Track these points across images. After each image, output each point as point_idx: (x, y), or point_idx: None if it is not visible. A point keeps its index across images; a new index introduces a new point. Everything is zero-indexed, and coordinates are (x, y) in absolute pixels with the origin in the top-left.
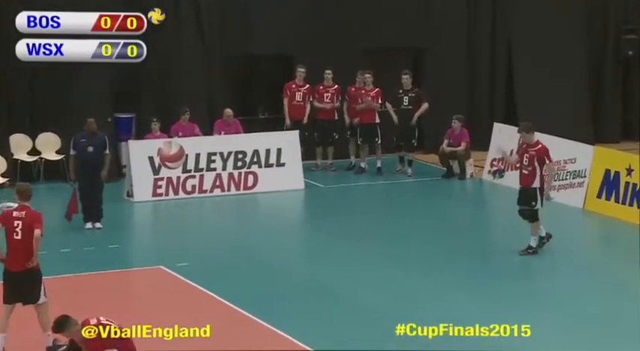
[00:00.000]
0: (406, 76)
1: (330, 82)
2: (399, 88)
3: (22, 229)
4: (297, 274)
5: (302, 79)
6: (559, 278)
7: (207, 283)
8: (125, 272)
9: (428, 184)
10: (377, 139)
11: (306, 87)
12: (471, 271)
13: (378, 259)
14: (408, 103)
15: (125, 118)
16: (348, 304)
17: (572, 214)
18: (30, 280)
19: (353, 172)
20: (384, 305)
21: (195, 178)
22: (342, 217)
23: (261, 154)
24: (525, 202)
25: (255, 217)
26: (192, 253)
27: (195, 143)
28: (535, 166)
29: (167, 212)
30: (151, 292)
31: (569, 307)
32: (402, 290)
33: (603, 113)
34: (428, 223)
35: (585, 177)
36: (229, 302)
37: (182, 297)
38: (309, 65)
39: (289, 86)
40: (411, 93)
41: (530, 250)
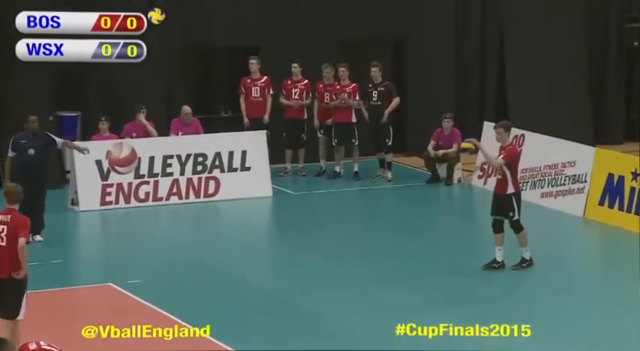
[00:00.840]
0: (375, 68)
1: (298, 76)
2: (368, 83)
3: (6, 234)
4: (264, 293)
5: (257, 72)
6: (555, 296)
7: (162, 302)
8: (70, 290)
9: (411, 190)
10: (354, 140)
11: (263, 80)
12: (458, 292)
13: (352, 277)
14: (377, 98)
15: (69, 116)
16: (319, 327)
17: (570, 222)
18: (13, 291)
19: (326, 177)
20: (361, 328)
21: (149, 184)
22: (314, 229)
23: (224, 157)
24: (500, 212)
25: (216, 229)
26: (145, 268)
27: (149, 145)
28: (504, 170)
29: (117, 223)
30: (98, 312)
31: (566, 328)
32: (379, 312)
33: (605, 112)
34: (410, 236)
35: (586, 182)
36: (186, 323)
37: (133, 317)
38: (276, 58)
39: (244, 82)
40: (380, 87)
41: (524, 264)
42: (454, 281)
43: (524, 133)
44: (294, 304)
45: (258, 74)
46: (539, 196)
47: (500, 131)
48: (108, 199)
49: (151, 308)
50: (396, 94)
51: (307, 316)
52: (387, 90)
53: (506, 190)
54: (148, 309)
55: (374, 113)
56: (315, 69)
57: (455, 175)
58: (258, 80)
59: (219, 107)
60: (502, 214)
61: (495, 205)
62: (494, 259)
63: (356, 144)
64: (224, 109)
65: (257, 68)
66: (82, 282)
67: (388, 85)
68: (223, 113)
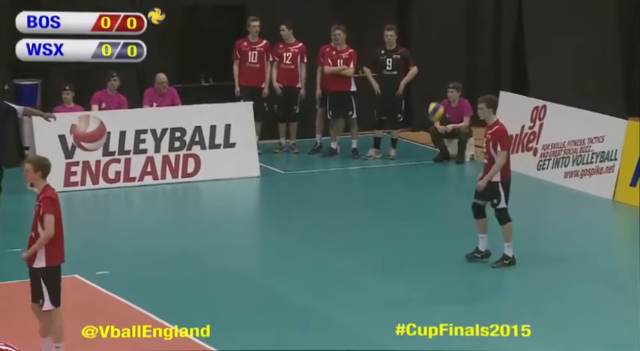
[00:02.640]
0: (390, 32)
1: (290, 39)
2: (380, 48)
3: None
4: (248, 285)
5: (256, 35)
6: (577, 289)
7: (134, 296)
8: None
9: (416, 169)
10: (351, 112)
11: (262, 44)
12: (467, 283)
13: (348, 268)
14: (391, 67)
15: (28, 85)
16: (309, 323)
17: (598, 206)
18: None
19: (321, 154)
20: (357, 325)
21: (120, 162)
22: (306, 214)
23: (205, 132)
24: (485, 197)
25: (196, 213)
26: (115, 258)
27: (120, 118)
28: (492, 154)
29: (83, 206)
30: (63, 307)
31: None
32: (376, 308)
33: (638, 80)
34: (414, 222)
35: (616, 160)
36: (161, 319)
37: (102, 313)
38: (265, 18)
39: (239, 45)
40: (395, 54)
41: (505, 261)
42: (465, 274)
43: (545, 104)
44: (283, 297)
45: (257, 37)
46: (562, 176)
47: (482, 107)
48: (73, 180)
49: (121, 302)
50: (413, 62)
51: (296, 310)
52: (404, 58)
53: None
54: (118, 303)
55: (388, 84)
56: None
57: (467, 152)
58: (257, 44)
59: (200, 75)
60: (486, 199)
61: (479, 189)
62: (477, 248)
63: (353, 117)
64: (205, 77)
65: (257, 31)
66: None
67: (404, 52)
68: (204, 82)
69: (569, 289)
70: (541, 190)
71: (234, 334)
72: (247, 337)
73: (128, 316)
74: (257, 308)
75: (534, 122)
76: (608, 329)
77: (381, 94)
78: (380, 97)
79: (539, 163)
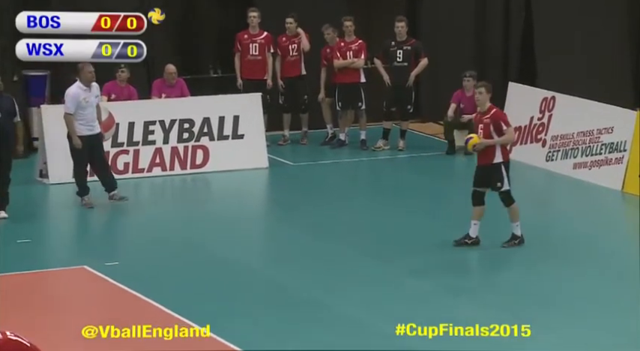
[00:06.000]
0: (401, 23)
1: (293, 31)
2: (390, 40)
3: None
4: (257, 277)
5: (256, 27)
6: (586, 280)
7: (143, 287)
8: (39, 274)
9: (426, 161)
10: (360, 103)
11: (262, 36)
12: (475, 274)
13: (360, 259)
14: (402, 58)
15: (37, 76)
16: (321, 317)
17: (607, 197)
18: None
19: (330, 146)
20: (369, 317)
21: (129, 153)
22: (315, 205)
23: (214, 123)
24: (486, 183)
25: (205, 204)
26: (124, 249)
27: (129, 109)
28: (494, 137)
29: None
30: (71, 299)
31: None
32: (386, 300)
33: None
34: (425, 213)
35: (625, 151)
36: (170, 311)
37: (111, 304)
38: (271, 10)
39: (240, 37)
40: (406, 46)
41: (515, 241)
42: (473, 264)
43: (554, 95)
44: (293, 290)
45: (257, 29)
46: (571, 167)
47: (481, 91)
48: None
49: (130, 294)
50: (424, 54)
51: (307, 303)
52: (415, 49)
53: (493, 158)
54: (127, 295)
55: (398, 76)
56: (314, 22)
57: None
58: (257, 36)
59: (209, 66)
60: (487, 186)
61: (479, 175)
62: (467, 234)
63: (363, 108)
64: (213, 68)
65: (257, 22)
66: (53, 264)
67: (415, 44)
68: (213, 73)
69: (578, 280)
70: (550, 182)
71: (241, 326)
72: (256, 329)
73: (136, 307)
74: (266, 300)
75: (543, 113)
76: (618, 321)
77: (391, 86)
78: (390, 88)
79: (548, 155)
